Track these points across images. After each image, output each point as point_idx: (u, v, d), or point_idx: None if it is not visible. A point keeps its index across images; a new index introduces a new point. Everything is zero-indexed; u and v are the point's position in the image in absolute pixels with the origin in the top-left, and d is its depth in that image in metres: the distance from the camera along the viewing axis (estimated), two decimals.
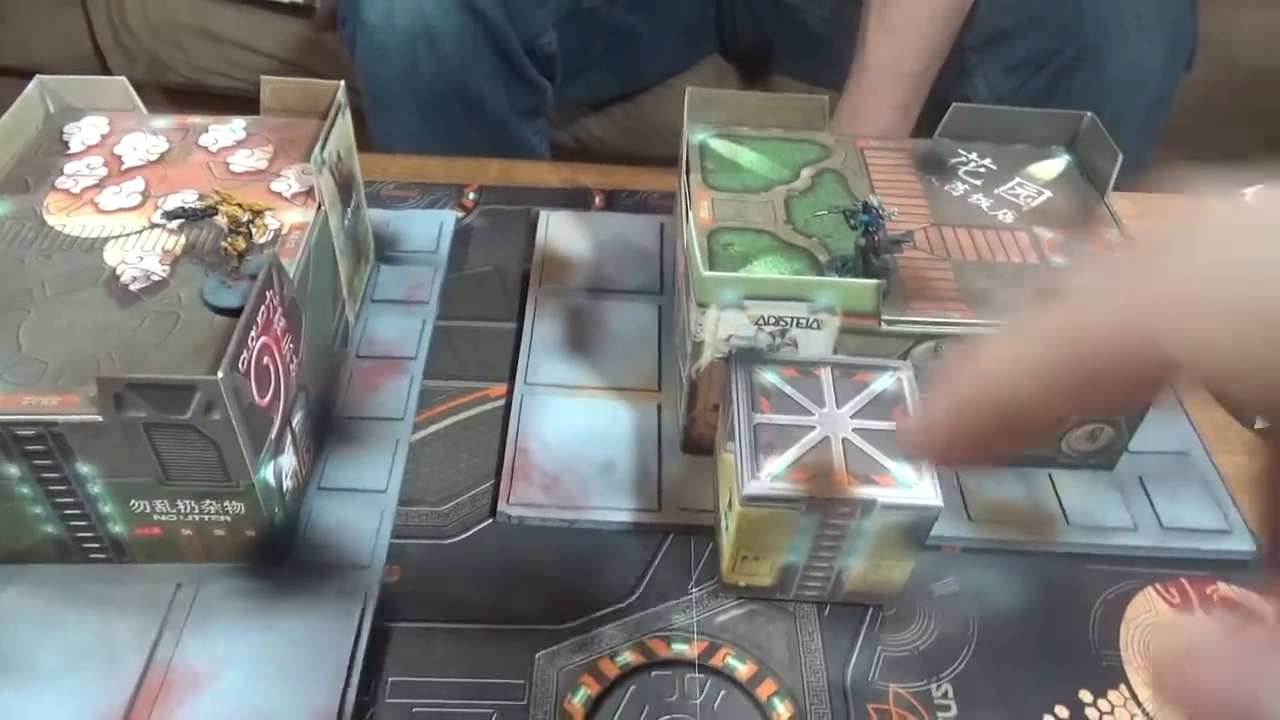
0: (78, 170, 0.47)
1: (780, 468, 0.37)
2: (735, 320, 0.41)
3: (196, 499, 0.38)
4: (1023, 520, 0.45)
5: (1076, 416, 0.16)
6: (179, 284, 0.41)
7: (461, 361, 0.52)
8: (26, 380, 0.36)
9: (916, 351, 0.42)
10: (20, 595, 0.39)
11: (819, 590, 0.40)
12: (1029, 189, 0.50)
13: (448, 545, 0.43)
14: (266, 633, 0.39)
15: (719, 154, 0.50)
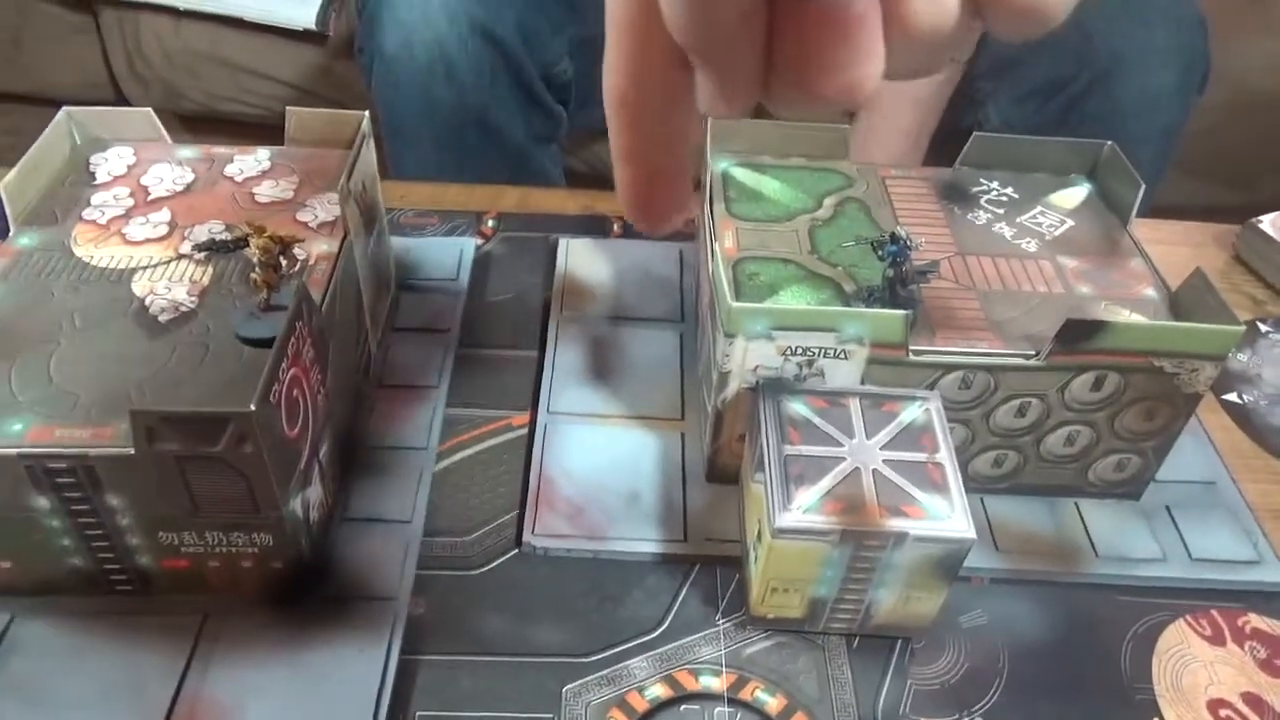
0: (105, 201, 0.47)
1: (812, 500, 0.37)
2: (763, 350, 0.41)
3: (225, 531, 0.38)
4: (1051, 551, 0.45)
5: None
6: (207, 315, 0.41)
7: (484, 390, 0.52)
8: (58, 413, 0.36)
9: (944, 381, 0.42)
10: (47, 627, 0.39)
11: (848, 622, 0.40)
12: (1051, 218, 0.50)
13: (473, 576, 0.43)
14: (294, 666, 0.38)
15: (742, 183, 0.51)
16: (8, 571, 0.39)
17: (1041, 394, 0.42)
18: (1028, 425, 0.44)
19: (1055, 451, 0.45)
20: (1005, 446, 0.45)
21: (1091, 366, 0.41)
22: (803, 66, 0.17)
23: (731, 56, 0.18)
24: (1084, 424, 0.44)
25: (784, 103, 0.18)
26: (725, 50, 0.17)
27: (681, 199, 0.22)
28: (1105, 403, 0.43)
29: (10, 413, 0.36)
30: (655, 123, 0.20)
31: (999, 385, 0.42)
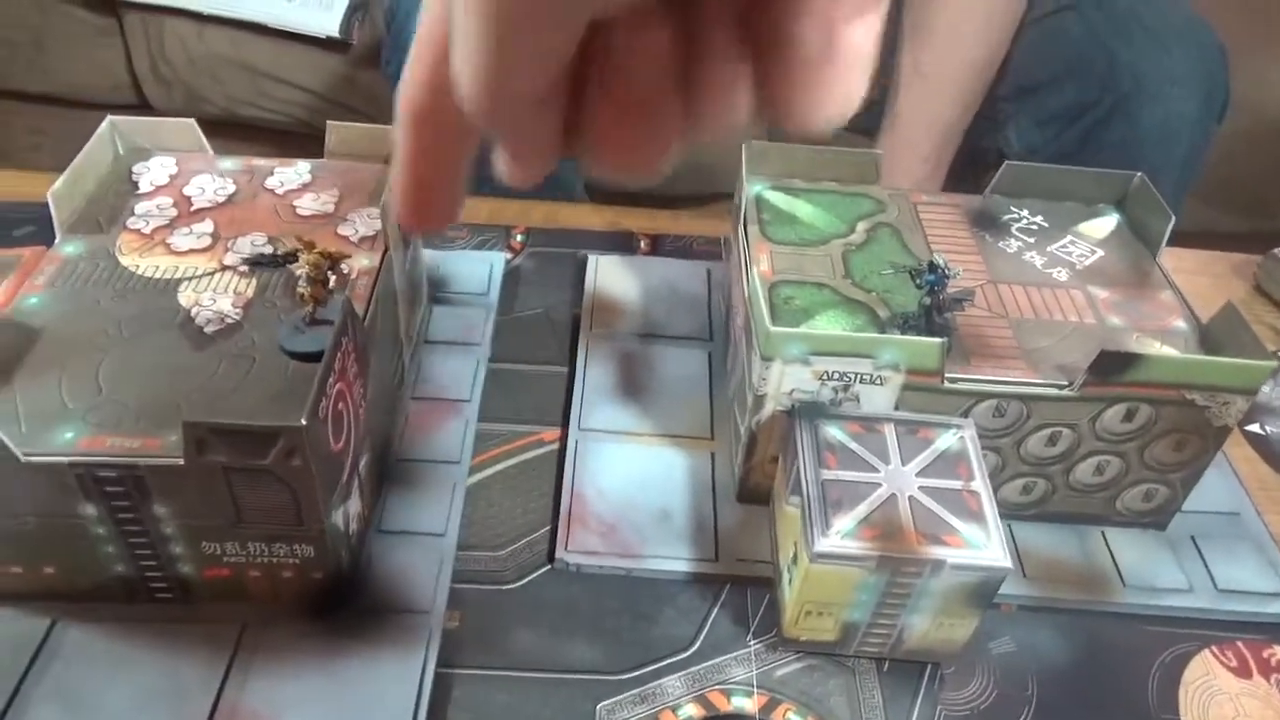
0: (148, 211, 0.48)
1: (849, 525, 0.37)
2: (799, 374, 0.41)
3: (267, 541, 0.38)
4: (1078, 579, 0.45)
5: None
6: (252, 327, 0.41)
7: (515, 405, 0.52)
8: (108, 422, 0.36)
9: (977, 409, 0.42)
10: (87, 632, 0.39)
11: (879, 647, 0.40)
12: (1081, 247, 0.51)
13: (507, 591, 0.43)
14: (331, 677, 0.39)
15: (776, 206, 0.51)
16: (51, 577, 0.39)
17: (1073, 424, 0.43)
18: (1058, 454, 0.44)
19: (1084, 480, 0.45)
20: (1035, 474, 0.45)
21: (1124, 398, 0.42)
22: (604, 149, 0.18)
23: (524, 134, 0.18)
24: (1114, 454, 0.44)
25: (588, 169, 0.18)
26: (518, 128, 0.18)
27: (453, 210, 0.22)
28: (1136, 434, 0.43)
29: (61, 421, 0.36)
30: (445, 140, 0.20)
31: (1032, 414, 0.42)
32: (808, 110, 0.17)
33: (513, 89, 0.17)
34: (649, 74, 0.17)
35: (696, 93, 0.17)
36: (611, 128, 0.18)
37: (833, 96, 0.17)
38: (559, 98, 0.17)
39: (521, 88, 0.17)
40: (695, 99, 0.17)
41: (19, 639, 0.39)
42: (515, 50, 0.16)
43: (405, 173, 0.21)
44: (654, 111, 0.17)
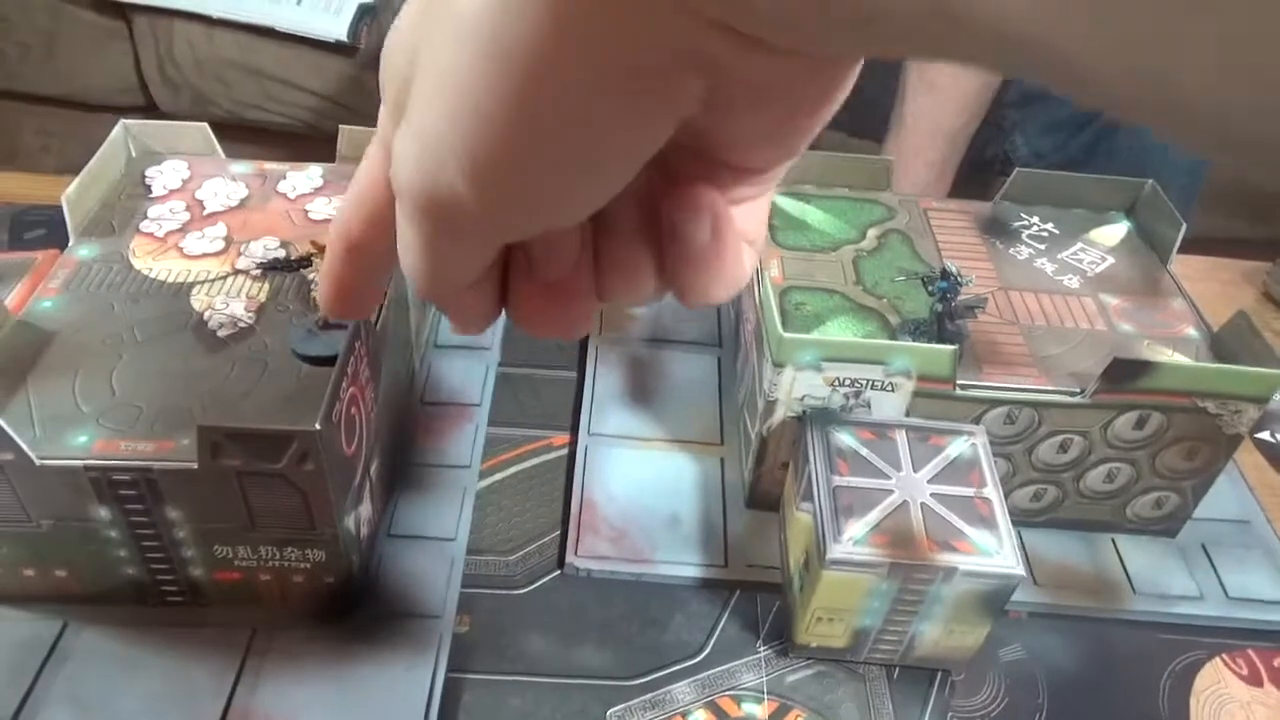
0: (161, 214, 0.48)
1: (861, 532, 0.37)
2: (810, 381, 0.41)
3: (279, 545, 0.38)
4: (1088, 586, 0.45)
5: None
6: (264, 331, 0.42)
7: (525, 409, 0.52)
8: (122, 425, 0.37)
9: (989, 416, 0.42)
10: (98, 636, 0.39)
11: (890, 653, 0.40)
12: (1092, 254, 0.51)
13: (517, 596, 0.43)
14: (342, 682, 0.39)
15: (786, 212, 0.51)
16: (63, 579, 0.39)
17: (1085, 431, 0.43)
18: (1069, 461, 0.44)
19: (1094, 488, 0.45)
20: (1045, 481, 0.45)
21: (1136, 405, 0.42)
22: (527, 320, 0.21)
23: (459, 310, 0.21)
24: (1125, 461, 0.44)
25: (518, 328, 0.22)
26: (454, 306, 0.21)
27: (372, 305, 0.25)
28: (1147, 441, 0.43)
29: (75, 424, 0.36)
30: (372, 264, 0.23)
31: (1043, 421, 0.42)
32: (702, 290, 0.20)
33: (445, 283, 0.19)
34: (562, 266, 0.20)
35: (605, 275, 0.20)
36: (533, 304, 0.20)
37: (722, 279, 0.20)
38: (489, 280, 0.20)
39: (453, 282, 0.19)
40: (604, 280, 0.20)
41: (31, 641, 0.39)
42: (447, 259, 0.19)
43: (331, 280, 0.23)
44: (569, 293, 0.20)
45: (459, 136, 0.15)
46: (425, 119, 0.16)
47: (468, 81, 0.15)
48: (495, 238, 0.18)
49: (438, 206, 0.17)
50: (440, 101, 0.16)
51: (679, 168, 0.19)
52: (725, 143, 0.18)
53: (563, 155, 0.16)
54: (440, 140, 0.16)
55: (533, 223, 0.18)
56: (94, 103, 1.36)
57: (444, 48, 0.15)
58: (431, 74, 0.16)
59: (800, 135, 0.18)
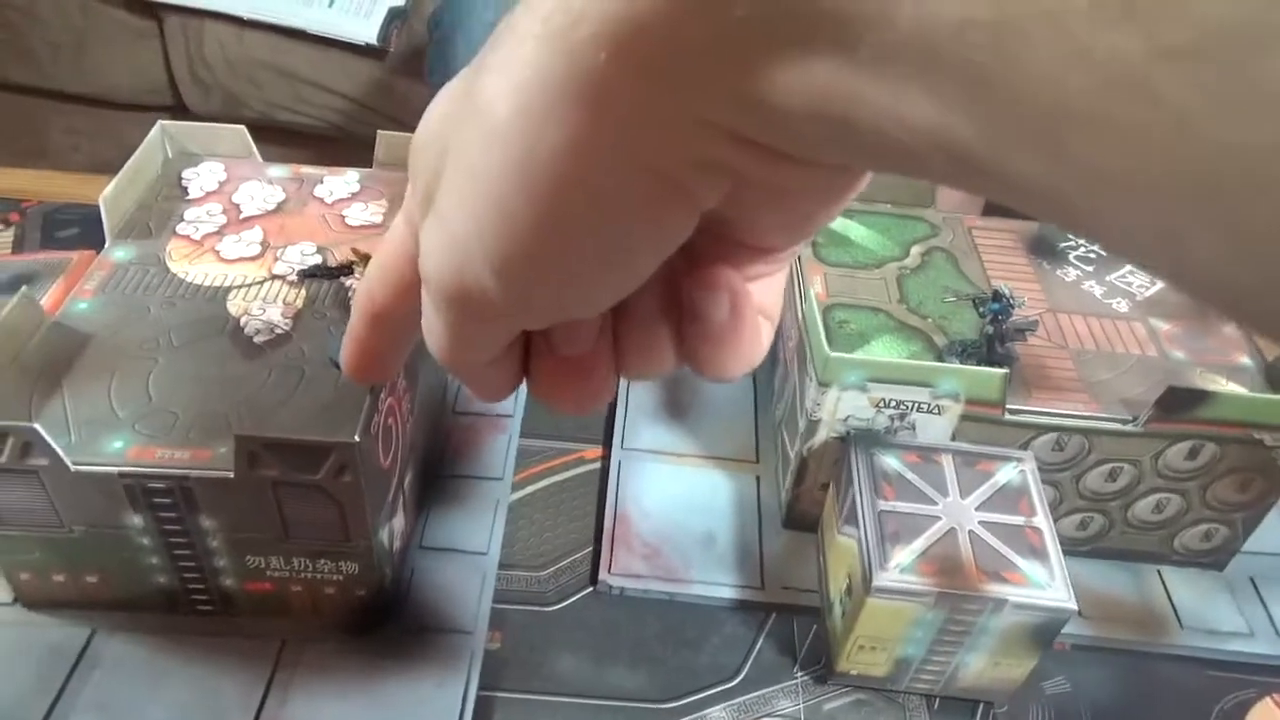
0: (198, 217, 0.47)
1: (908, 559, 0.36)
2: (855, 401, 0.40)
3: (312, 557, 0.37)
4: (1134, 618, 0.44)
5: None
6: (301, 338, 0.41)
7: (557, 421, 0.52)
8: (158, 432, 0.36)
9: (1037, 442, 0.41)
10: (128, 644, 0.39)
11: (932, 684, 0.39)
12: (1141, 277, 0.49)
13: (549, 613, 0.42)
14: (372, 697, 0.38)
15: (829, 228, 0.50)
16: (93, 586, 0.39)
17: (1135, 460, 0.42)
18: (1118, 490, 0.43)
19: (1142, 517, 0.44)
20: (1093, 510, 0.44)
21: (1189, 435, 0.40)
22: (546, 395, 0.21)
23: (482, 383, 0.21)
24: (1175, 492, 0.43)
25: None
26: (477, 380, 0.21)
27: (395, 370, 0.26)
28: (1199, 472, 0.42)
29: (111, 430, 0.36)
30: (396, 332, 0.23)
31: (1093, 449, 0.41)
32: (720, 366, 0.21)
33: (469, 361, 0.20)
34: (583, 344, 0.20)
35: (625, 350, 0.21)
36: (553, 378, 0.21)
37: (740, 355, 0.21)
38: (511, 355, 0.21)
39: (476, 361, 0.20)
40: (624, 355, 0.21)
41: (60, 647, 0.38)
42: (472, 343, 0.19)
43: (355, 345, 0.23)
44: (588, 368, 0.21)
45: (487, 233, 0.16)
46: (454, 213, 0.17)
47: (497, 182, 0.15)
48: (518, 326, 0.19)
49: (464, 297, 0.17)
50: (469, 198, 0.16)
51: (698, 249, 0.19)
52: (741, 230, 0.19)
53: (588, 254, 0.16)
54: (468, 236, 0.16)
55: (557, 315, 0.19)
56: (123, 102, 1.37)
57: (474, 146, 0.16)
58: (462, 170, 0.16)
59: (817, 223, 0.19)
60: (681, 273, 0.20)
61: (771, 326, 0.22)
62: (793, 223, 0.19)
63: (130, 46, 1.34)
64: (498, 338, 0.19)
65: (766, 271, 0.21)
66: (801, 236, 0.20)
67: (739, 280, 0.20)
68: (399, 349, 0.24)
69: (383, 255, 0.22)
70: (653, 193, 0.15)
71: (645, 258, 0.17)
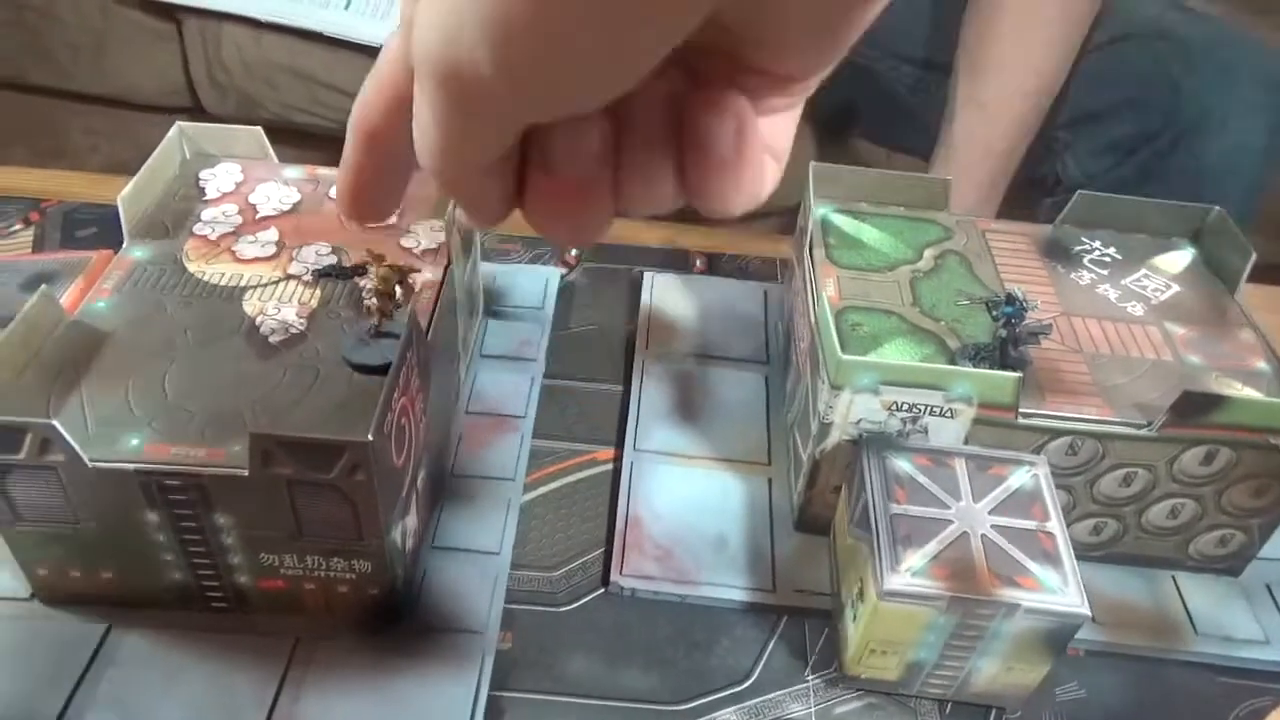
0: (214, 217, 0.48)
1: (920, 563, 0.36)
2: (868, 404, 0.40)
3: (325, 555, 0.38)
4: (1149, 625, 0.43)
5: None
6: (316, 337, 0.41)
7: (569, 423, 0.52)
8: (173, 430, 0.36)
9: (1050, 446, 0.41)
10: (143, 640, 0.39)
11: (944, 688, 0.39)
12: (1156, 281, 0.49)
13: (560, 613, 0.42)
14: (385, 695, 0.38)
15: (842, 230, 0.50)
16: (108, 582, 0.39)
17: (1150, 465, 0.41)
18: (1132, 495, 0.43)
19: (1157, 523, 0.44)
20: (1106, 515, 0.44)
21: (1204, 440, 0.40)
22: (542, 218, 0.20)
23: (475, 197, 0.20)
24: (1190, 497, 0.42)
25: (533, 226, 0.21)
26: (469, 192, 0.20)
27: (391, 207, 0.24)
28: (1214, 477, 0.42)
29: (128, 427, 0.36)
30: (393, 154, 0.22)
31: (1107, 453, 0.41)
32: (720, 198, 0.20)
33: (461, 165, 0.19)
34: (583, 163, 0.19)
35: (625, 178, 0.19)
36: (549, 201, 0.20)
37: (741, 188, 0.20)
38: (506, 167, 0.19)
39: (469, 164, 0.19)
40: (623, 183, 0.20)
41: (75, 643, 0.39)
42: (464, 139, 0.18)
43: (350, 176, 0.22)
44: (586, 193, 0.19)
45: (481, 3, 0.15)
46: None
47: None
48: (513, 115, 0.18)
49: (456, 77, 0.16)
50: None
51: (708, 73, 0.19)
52: (758, 40, 0.18)
53: (587, 25, 0.15)
54: (462, 7, 0.15)
55: (553, 101, 0.17)
56: (141, 103, 1.38)
57: None
58: None
59: (837, 36, 0.18)
60: (688, 99, 0.19)
61: (778, 168, 0.21)
62: (812, 30, 0.18)
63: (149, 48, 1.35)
64: (491, 134, 0.18)
65: (780, 106, 0.20)
66: (817, 59, 0.19)
67: (747, 108, 0.19)
68: (394, 179, 0.23)
69: (378, 66, 0.21)
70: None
71: (647, 39, 0.16)
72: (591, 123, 0.19)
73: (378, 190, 0.23)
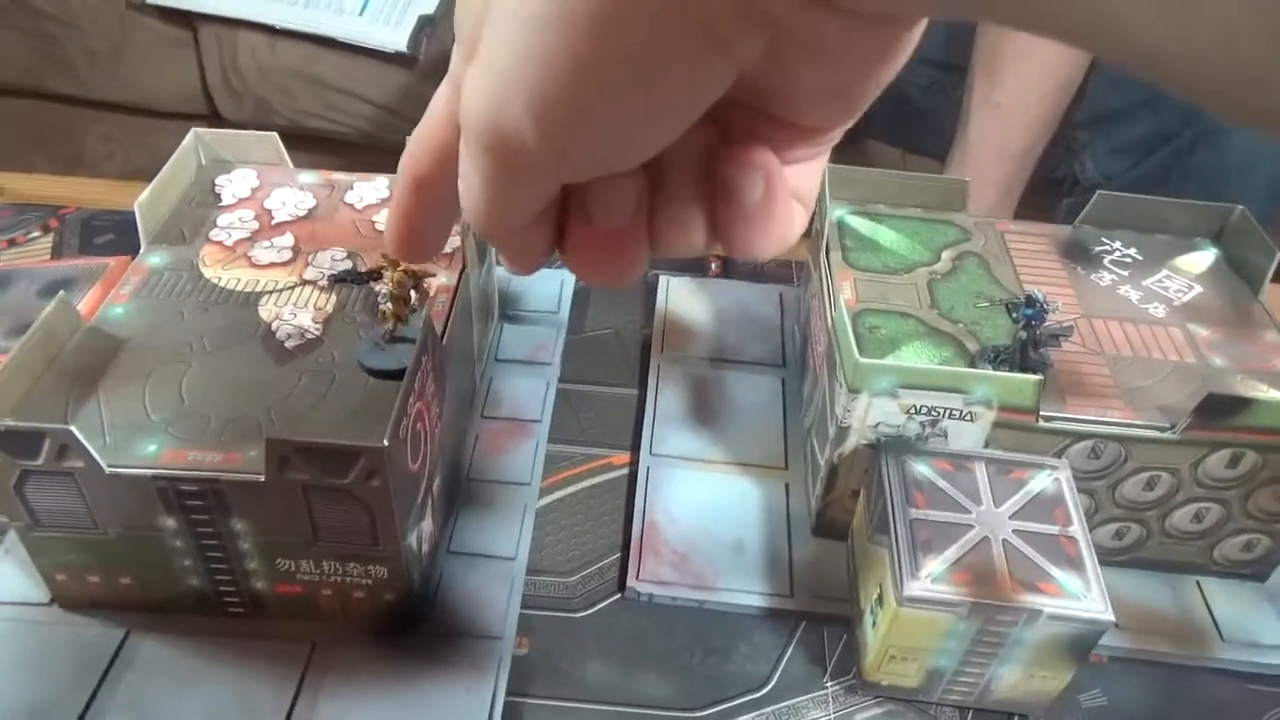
0: (230, 223, 0.48)
1: (940, 568, 0.36)
2: (886, 408, 0.40)
3: (341, 561, 0.38)
4: (1173, 630, 0.43)
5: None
6: (331, 343, 0.41)
7: (585, 427, 0.51)
8: (190, 435, 0.36)
9: (1072, 450, 0.41)
10: (161, 645, 0.39)
11: (965, 695, 0.39)
12: (1178, 282, 0.49)
13: (577, 619, 0.42)
14: (402, 701, 0.38)
15: (858, 232, 0.50)
16: (127, 587, 0.39)
17: (1173, 468, 0.41)
18: (1155, 499, 0.42)
19: (1181, 527, 0.43)
20: (1129, 519, 0.43)
21: (1229, 444, 0.40)
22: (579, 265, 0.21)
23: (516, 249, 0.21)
24: (1214, 501, 0.42)
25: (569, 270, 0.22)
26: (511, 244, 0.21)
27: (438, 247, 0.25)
28: (1239, 481, 0.41)
29: (145, 433, 0.36)
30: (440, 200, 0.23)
31: (1130, 457, 0.41)
32: (751, 245, 0.21)
33: (505, 221, 0.20)
34: (620, 215, 0.20)
35: (659, 226, 0.21)
36: (588, 250, 0.21)
37: (771, 236, 0.21)
38: (546, 220, 0.21)
39: (513, 220, 0.20)
40: (658, 231, 0.21)
41: (95, 648, 0.39)
42: (507, 198, 0.19)
43: (399, 219, 0.23)
44: (623, 242, 0.21)
45: (527, 75, 0.16)
46: (496, 57, 0.17)
47: (540, 24, 0.16)
48: (555, 178, 0.19)
49: (501, 143, 0.17)
50: (511, 41, 0.16)
51: (737, 127, 0.20)
52: (783, 98, 0.19)
53: (625, 99, 0.16)
54: (509, 78, 0.16)
55: (592, 164, 0.18)
56: (158, 110, 1.39)
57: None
58: (506, 14, 0.17)
59: (858, 95, 0.19)
60: (719, 152, 0.20)
61: (805, 211, 0.22)
62: (835, 91, 0.19)
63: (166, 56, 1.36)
64: (533, 195, 0.19)
65: (806, 155, 0.21)
66: (843, 114, 0.20)
67: (774, 161, 0.20)
68: (442, 222, 0.24)
69: (426, 119, 0.22)
70: (692, 40, 0.15)
71: (680, 110, 0.17)
72: (628, 178, 0.20)
73: (426, 232, 0.24)
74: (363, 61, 1.26)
